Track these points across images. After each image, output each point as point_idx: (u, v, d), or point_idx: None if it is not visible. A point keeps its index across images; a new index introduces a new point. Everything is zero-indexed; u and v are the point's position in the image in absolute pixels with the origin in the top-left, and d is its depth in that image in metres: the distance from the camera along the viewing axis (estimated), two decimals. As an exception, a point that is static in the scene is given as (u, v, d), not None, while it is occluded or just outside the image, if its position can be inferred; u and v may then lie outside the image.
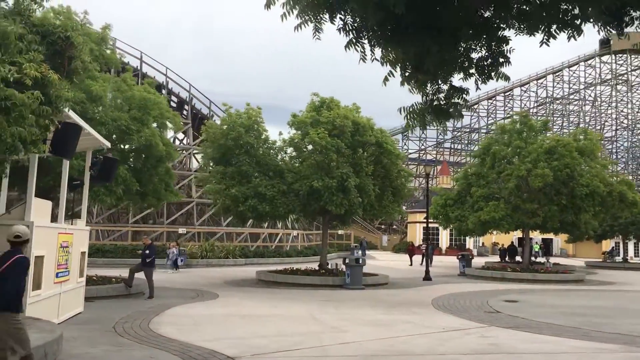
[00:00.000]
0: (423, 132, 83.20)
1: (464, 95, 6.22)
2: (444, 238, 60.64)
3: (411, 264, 39.57)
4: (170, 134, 26.74)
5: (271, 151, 24.25)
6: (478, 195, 29.58)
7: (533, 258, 38.75)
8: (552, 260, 38.47)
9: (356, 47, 5.37)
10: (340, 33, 5.42)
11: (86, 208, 13.16)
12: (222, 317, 13.72)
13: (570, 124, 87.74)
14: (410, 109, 6.17)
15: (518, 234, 41.30)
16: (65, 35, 7.23)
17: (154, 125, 19.11)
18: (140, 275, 17.48)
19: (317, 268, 24.85)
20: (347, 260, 22.49)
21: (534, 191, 27.79)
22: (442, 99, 6.13)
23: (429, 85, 6.01)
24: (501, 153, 29.39)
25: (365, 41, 5.46)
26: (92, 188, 13.73)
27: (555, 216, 28.81)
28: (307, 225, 51.83)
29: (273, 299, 17.46)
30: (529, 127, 30.19)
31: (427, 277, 27.31)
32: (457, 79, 6.01)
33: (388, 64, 5.69)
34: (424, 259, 38.98)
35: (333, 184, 21.66)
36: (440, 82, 5.98)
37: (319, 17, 5.12)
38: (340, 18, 5.26)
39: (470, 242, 60.05)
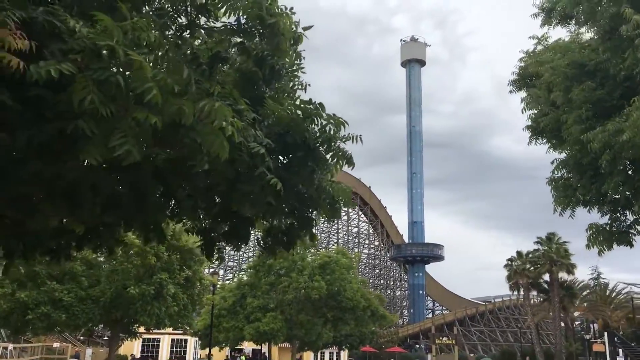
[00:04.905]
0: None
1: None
2: (165, 350, 57.69)
3: None
4: None
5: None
6: (254, 306, 29.98)
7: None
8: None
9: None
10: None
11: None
12: None
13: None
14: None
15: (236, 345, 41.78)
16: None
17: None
18: None
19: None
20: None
21: (306, 303, 29.53)
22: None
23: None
24: (277, 266, 30.72)
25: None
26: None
27: (314, 328, 30.91)
28: (17, 337, 43.76)
29: None
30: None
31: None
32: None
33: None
34: None
35: (151, 291, 19.86)
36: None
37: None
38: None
39: (189, 354, 58.28)
